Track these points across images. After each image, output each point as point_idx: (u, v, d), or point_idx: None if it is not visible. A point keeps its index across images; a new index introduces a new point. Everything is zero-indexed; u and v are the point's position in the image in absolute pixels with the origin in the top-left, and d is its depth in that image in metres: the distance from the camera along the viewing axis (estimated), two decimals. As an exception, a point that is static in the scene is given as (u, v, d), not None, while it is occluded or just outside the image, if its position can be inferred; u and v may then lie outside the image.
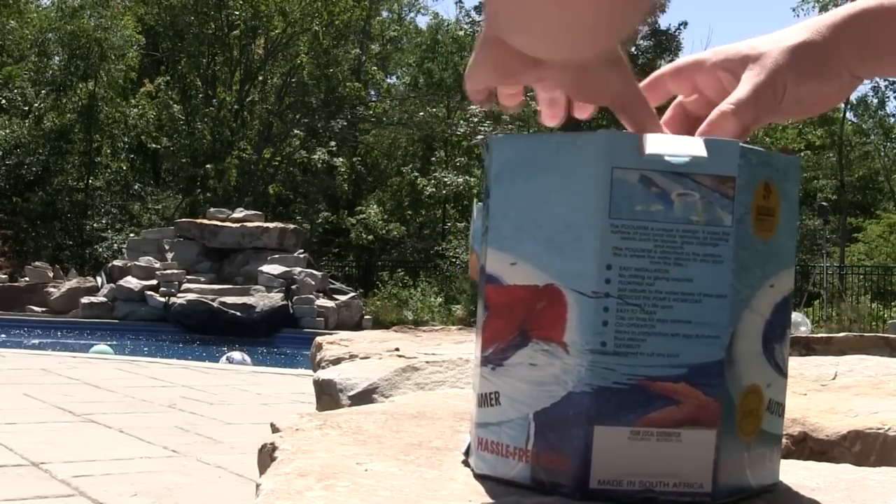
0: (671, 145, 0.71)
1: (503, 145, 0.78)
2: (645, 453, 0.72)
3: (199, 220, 18.09)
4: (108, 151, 26.75)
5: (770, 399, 0.78)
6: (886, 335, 2.14)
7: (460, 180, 22.22)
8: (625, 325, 0.71)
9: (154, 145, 26.92)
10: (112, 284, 16.69)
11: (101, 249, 23.59)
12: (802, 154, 27.37)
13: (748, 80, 0.81)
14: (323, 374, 1.56)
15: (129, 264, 17.04)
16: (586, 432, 0.72)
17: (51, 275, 18.24)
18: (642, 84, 0.88)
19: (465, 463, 0.83)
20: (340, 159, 27.42)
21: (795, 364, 1.48)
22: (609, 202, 0.70)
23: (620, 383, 0.72)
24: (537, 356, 0.74)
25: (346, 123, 27.78)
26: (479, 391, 0.78)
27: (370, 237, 25.53)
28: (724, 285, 0.72)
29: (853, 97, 31.65)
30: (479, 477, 0.78)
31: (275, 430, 0.97)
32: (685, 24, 31.84)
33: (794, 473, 0.84)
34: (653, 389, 0.72)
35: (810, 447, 1.09)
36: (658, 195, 0.71)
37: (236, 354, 11.28)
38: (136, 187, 27.24)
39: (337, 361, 1.73)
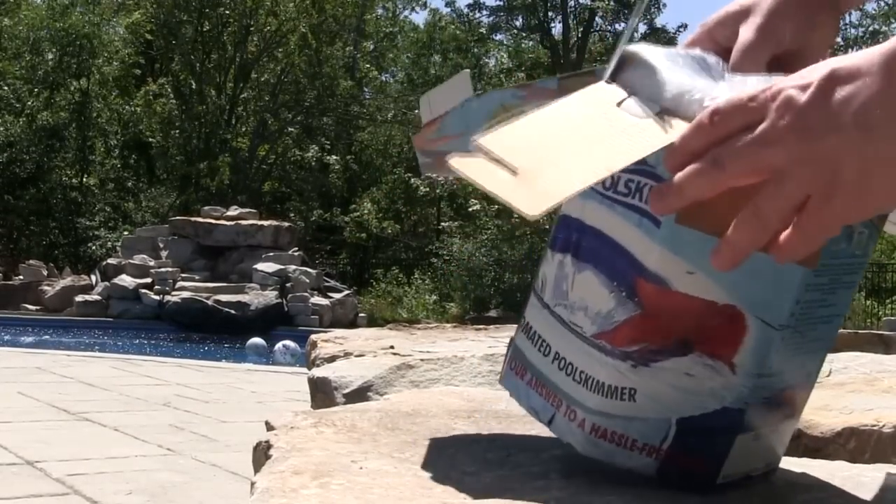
0: None
1: None
2: (758, 448, 0.77)
3: (193, 219, 18.06)
4: (102, 149, 26.71)
5: None
6: (881, 332, 2.15)
7: (451, 178, 22.15)
8: (786, 349, 0.73)
9: (150, 139, 26.86)
10: (106, 283, 16.66)
11: (94, 247, 23.55)
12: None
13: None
14: (318, 372, 1.56)
15: (123, 262, 17.02)
16: (729, 441, 0.74)
17: (45, 273, 18.20)
18: (691, 39, 0.87)
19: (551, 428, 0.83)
20: (334, 157, 27.40)
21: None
22: None
23: (768, 399, 0.74)
24: (697, 368, 0.73)
25: (338, 121, 27.75)
26: (608, 382, 0.77)
27: (364, 235, 25.51)
28: (847, 305, 0.77)
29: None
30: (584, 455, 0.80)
31: (269, 428, 0.97)
32: (685, 26, 31.56)
33: (789, 471, 0.84)
34: (783, 398, 0.76)
35: (805, 444, 1.09)
36: (845, 232, 0.72)
37: (290, 343, 11.27)
38: (128, 185, 27.19)
39: (332, 359, 1.72)
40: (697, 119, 0.68)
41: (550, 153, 0.72)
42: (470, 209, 21.10)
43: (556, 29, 31.45)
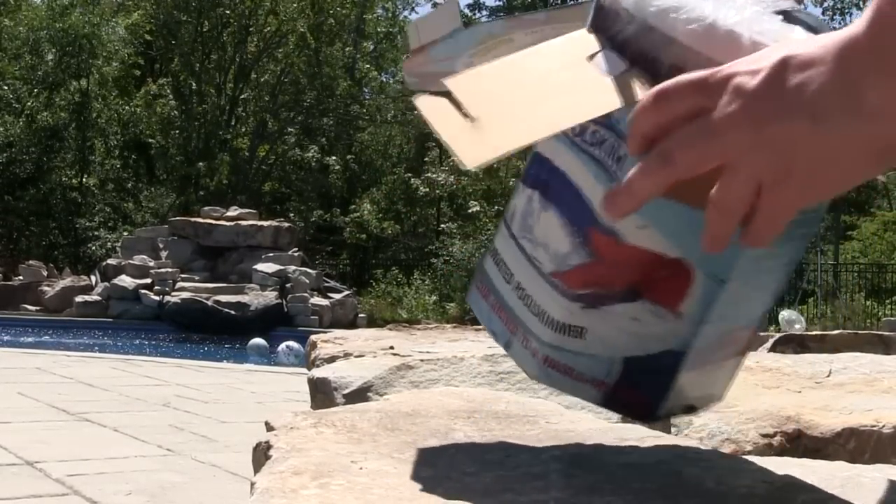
0: None
1: None
2: (702, 384, 0.80)
3: (193, 219, 18.07)
4: (102, 149, 26.71)
5: None
6: (881, 332, 2.15)
7: (452, 179, 22.15)
8: (731, 298, 0.75)
9: (150, 140, 26.88)
10: (106, 283, 16.67)
11: (94, 248, 23.55)
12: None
13: None
14: (317, 373, 1.56)
15: (123, 263, 17.02)
16: (672, 379, 0.77)
17: (45, 273, 18.20)
18: None
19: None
20: (334, 157, 27.40)
21: (790, 362, 1.48)
22: None
23: (713, 341, 0.77)
24: (644, 315, 0.76)
25: (338, 121, 27.76)
26: (559, 319, 0.80)
27: (363, 235, 25.50)
28: (801, 253, 0.80)
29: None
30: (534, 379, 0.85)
31: (269, 428, 0.97)
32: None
33: (788, 471, 0.84)
34: (729, 339, 0.79)
35: (805, 445, 1.09)
36: None
37: (294, 344, 11.20)
38: (128, 185, 27.20)
39: (331, 360, 1.72)
40: (642, 101, 0.67)
41: (507, 104, 0.73)
42: (470, 210, 21.09)
43: (556, 29, 31.48)
